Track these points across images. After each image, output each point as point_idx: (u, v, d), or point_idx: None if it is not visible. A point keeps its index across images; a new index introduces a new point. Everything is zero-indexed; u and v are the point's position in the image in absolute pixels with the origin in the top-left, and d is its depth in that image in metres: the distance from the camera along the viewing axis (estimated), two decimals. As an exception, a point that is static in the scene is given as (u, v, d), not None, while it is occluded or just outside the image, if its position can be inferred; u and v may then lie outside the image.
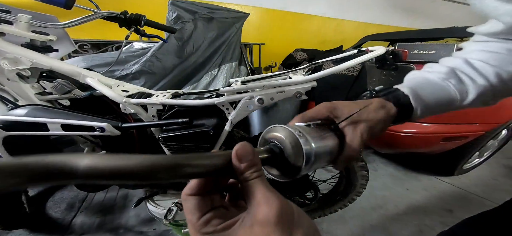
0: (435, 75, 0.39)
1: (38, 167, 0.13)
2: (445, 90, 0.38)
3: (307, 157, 0.26)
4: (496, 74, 0.36)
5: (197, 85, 1.76)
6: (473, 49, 0.40)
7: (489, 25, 0.38)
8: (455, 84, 0.38)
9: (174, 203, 0.85)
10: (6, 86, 0.66)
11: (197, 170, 0.18)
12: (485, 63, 0.37)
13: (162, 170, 0.16)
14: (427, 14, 3.67)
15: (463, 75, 0.38)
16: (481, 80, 0.37)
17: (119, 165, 0.15)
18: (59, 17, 0.77)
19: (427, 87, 0.39)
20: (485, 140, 1.40)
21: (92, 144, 0.82)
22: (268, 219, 0.17)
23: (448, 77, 0.38)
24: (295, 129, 0.27)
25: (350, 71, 1.46)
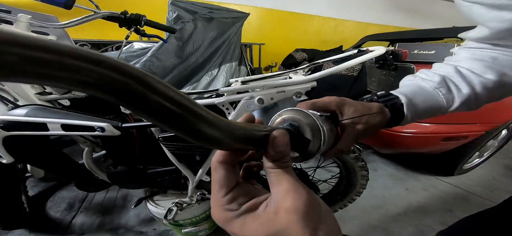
0: (428, 83, 0.42)
1: None
2: (435, 99, 0.40)
3: (323, 141, 0.26)
4: (481, 83, 0.39)
5: (197, 85, 1.76)
6: (462, 56, 0.42)
7: (477, 31, 0.40)
8: (444, 94, 0.40)
9: (174, 203, 0.85)
10: (6, 86, 0.66)
11: (246, 137, 0.18)
12: (471, 73, 0.40)
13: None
14: (427, 14, 3.68)
15: (451, 84, 0.40)
16: (467, 90, 0.39)
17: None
18: (59, 17, 0.77)
19: (420, 96, 0.41)
20: (485, 140, 1.40)
21: (92, 144, 0.82)
22: (296, 208, 0.17)
23: (440, 87, 0.40)
24: (313, 114, 0.28)
25: (350, 71, 1.46)
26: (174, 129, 0.13)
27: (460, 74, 0.40)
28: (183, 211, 0.86)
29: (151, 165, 0.84)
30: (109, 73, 0.10)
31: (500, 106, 1.28)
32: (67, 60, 0.09)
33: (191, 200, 0.87)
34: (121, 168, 0.83)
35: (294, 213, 0.17)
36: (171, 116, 0.13)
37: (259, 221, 0.18)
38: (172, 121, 0.13)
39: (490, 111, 1.27)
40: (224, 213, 0.19)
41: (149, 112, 0.12)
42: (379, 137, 1.35)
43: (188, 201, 0.87)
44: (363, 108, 0.37)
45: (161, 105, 0.12)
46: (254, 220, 0.18)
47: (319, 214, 0.19)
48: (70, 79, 0.09)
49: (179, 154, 0.71)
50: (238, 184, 0.20)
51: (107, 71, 0.10)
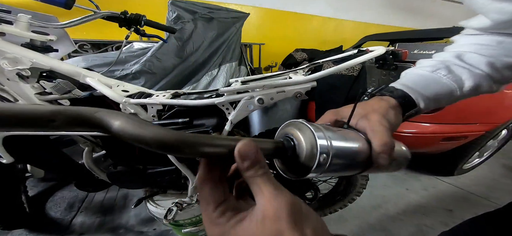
0: (423, 69, 0.41)
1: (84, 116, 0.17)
2: (438, 82, 0.39)
3: (322, 155, 0.24)
4: (488, 63, 0.37)
5: (197, 85, 1.76)
6: (464, 42, 0.42)
7: (477, 21, 0.39)
8: (445, 74, 0.39)
9: (174, 203, 0.85)
10: (6, 86, 0.66)
11: (213, 150, 0.19)
12: (475, 54, 0.38)
13: (185, 144, 0.18)
14: (427, 14, 3.67)
15: (454, 66, 0.39)
16: (474, 69, 0.38)
17: (150, 133, 0.18)
18: (59, 17, 0.77)
19: (419, 81, 0.40)
20: (485, 140, 1.40)
21: (92, 144, 0.82)
22: (279, 215, 0.17)
23: (436, 69, 0.39)
24: (314, 126, 0.26)
25: (350, 71, 1.46)
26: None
27: (462, 58, 0.39)
28: (183, 211, 0.86)
29: (151, 165, 0.84)
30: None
31: (500, 106, 1.28)
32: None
33: (191, 200, 0.87)
34: (121, 168, 0.83)
35: (279, 220, 0.17)
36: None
37: (250, 232, 0.18)
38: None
39: (490, 111, 1.27)
40: (217, 228, 0.19)
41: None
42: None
43: (188, 201, 0.87)
44: (359, 106, 0.35)
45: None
46: (244, 231, 0.18)
47: (302, 215, 0.19)
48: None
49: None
50: (226, 199, 0.21)
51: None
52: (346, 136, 0.29)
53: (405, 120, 0.39)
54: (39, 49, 0.69)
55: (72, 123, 0.17)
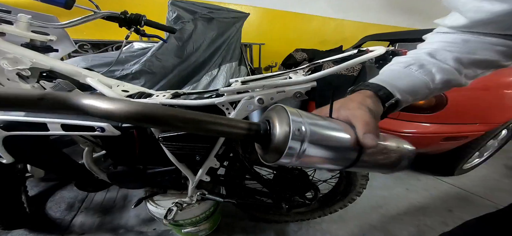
0: (396, 66, 0.44)
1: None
2: (410, 76, 0.41)
3: (297, 136, 0.24)
4: (455, 58, 0.40)
5: (197, 85, 1.76)
6: (434, 40, 0.44)
7: (453, 19, 0.41)
8: (417, 69, 0.41)
9: (174, 203, 0.85)
10: (6, 86, 0.66)
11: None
12: (443, 50, 0.41)
13: (146, 116, 0.21)
14: (427, 14, 3.68)
15: (425, 62, 0.42)
16: (443, 64, 0.41)
17: (117, 107, 0.20)
18: (59, 17, 0.77)
19: (392, 75, 0.43)
20: (485, 140, 1.40)
21: (92, 144, 0.82)
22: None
23: (408, 65, 0.42)
24: (293, 110, 0.26)
25: (350, 71, 1.46)
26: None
27: (432, 54, 0.42)
28: (183, 211, 0.86)
29: (151, 165, 0.84)
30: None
31: (500, 106, 1.28)
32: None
33: (191, 200, 0.87)
34: (121, 168, 0.83)
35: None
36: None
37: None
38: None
39: (490, 111, 1.27)
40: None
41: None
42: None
43: (188, 201, 0.87)
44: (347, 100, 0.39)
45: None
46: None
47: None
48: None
49: (179, 154, 0.71)
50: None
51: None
52: (327, 122, 0.29)
53: (387, 111, 0.40)
54: (39, 49, 0.69)
55: (56, 105, 0.20)
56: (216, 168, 0.77)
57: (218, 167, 0.77)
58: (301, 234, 1.13)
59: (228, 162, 0.89)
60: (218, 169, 0.79)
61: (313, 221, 1.16)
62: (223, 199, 0.87)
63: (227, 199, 0.87)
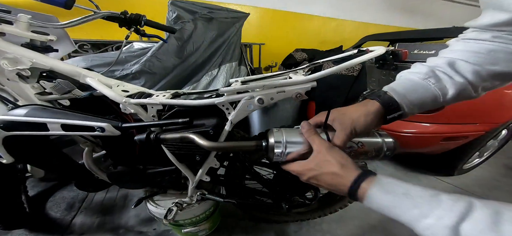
0: (416, 75, 0.45)
1: None
2: (426, 89, 0.43)
3: (278, 148, 0.51)
4: (474, 71, 0.41)
5: (197, 85, 1.76)
6: (457, 49, 0.44)
7: (489, 17, 0.40)
8: (434, 83, 0.43)
9: (174, 203, 0.85)
10: (6, 86, 0.66)
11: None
12: (464, 62, 0.42)
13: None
14: (427, 14, 3.67)
15: (441, 74, 0.43)
16: (458, 78, 0.42)
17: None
18: (59, 17, 0.77)
19: (409, 86, 0.44)
20: (485, 140, 1.40)
21: (92, 144, 0.82)
22: (321, 149, 0.44)
23: (428, 77, 0.43)
24: (278, 130, 0.54)
25: (350, 71, 1.46)
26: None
27: (452, 65, 0.42)
28: (183, 211, 0.86)
29: (151, 165, 0.84)
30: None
31: (500, 106, 1.28)
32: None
33: (191, 200, 0.87)
34: (121, 168, 0.83)
35: (321, 151, 0.44)
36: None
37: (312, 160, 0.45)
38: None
39: (490, 111, 1.27)
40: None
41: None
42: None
43: (188, 201, 0.87)
44: (354, 107, 0.47)
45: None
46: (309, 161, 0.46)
47: (332, 148, 0.44)
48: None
49: (179, 154, 0.71)
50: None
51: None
52: (295, 138, 0.51)
53: (389, 121, 0.46)
54: (39, 49, 0.69)
55: None
56: (216, 168, 0.77)
57: (218, 167, 0.77)
58: (301, 234, 1.13)
59: (228, 162, 0.89)
60: (218, 169, 0.79)
61: (313, 221, 1.16)
62: (223, 199, 0.87)
63: (227, 199, 0.87)
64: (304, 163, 0.46)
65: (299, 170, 0.47)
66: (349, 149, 0.51)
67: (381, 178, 0.37)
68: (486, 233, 0.25)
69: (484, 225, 0.25)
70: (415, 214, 0.31)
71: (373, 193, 0.36)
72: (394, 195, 0.34)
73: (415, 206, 0.32)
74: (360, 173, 0.39)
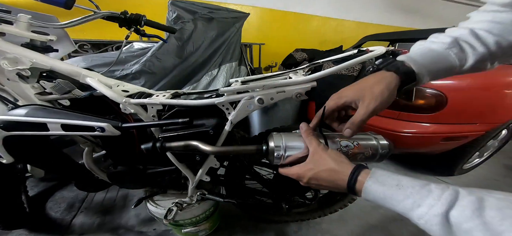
0: (438, 45, 0.45)
1: None
2: (446, 59, 0.43)
3: (278, 151, 0.53)
4: (496, 42, 0.41)
5: (197, 85, 1.76)
6: (480, 19, 0.44)
7: None
8: (456, 53, 0.43)
9: (174, 203, 0.85)
10: (6, 86, 0.66)
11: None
12: (488, 33, 0.41)
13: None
14: (427, 14, 3.67)
15: (465, 44, 0.43)
16: (481, 48, 0.42)
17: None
18: (59, 17, 0.77)
19: (430, 57, 0.44)
20: (485, 140, 1.40)
21: (92, 144, 0.82)
22: (317, 150, 0.47)
23: (451, 47, 0.43)
24: (278, 134, 0.56)
25: (350, 71, 1.46)
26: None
27: (476, 35, 0.42)
28: (183, 211, 0.86)
29: (151, 165, 0.84)
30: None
31: (500, 106, 1.28)
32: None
33: (191, 200, 0.87)
34: (121, 168, 0.83)
35: (317, 151, 0.47)
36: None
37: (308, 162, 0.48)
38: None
39: (490, 111, 1.27)
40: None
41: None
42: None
43: (188, 201, 0.87)
44: (360, 83, 0.46)
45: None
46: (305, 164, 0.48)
47: (326, 149, 0.47)
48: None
49: (179, 154, 0.71)
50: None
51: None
52: (294, 142, 0.53)
53: (403, 92, 0.46)
54: (39, 49, 0.69)
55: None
56: (216, 168, 0.77)
57: (218, 167, 0.77)
58: (301, 234, 1.13)
59: (228, 162, 0.89)
60: (218, 169, 0.79)
61: (313, 221, 1.16)
62: (223, 199, 0.87)
63: (227, 199, 0.87)
64: (303, 165, 0.47)
65: (298, 173, 0.47)
66: (345, 148, 0.53)
67: (376, 170, 0.39)
68: (472, 218, 0.27)
69: (470, 211, 0.28)
70: (408, 204, 0.34)
71: (369, 185, 0.38)
72: (388, 186, 0.36)
73: (407, 196, 0.34)
74: (355, 166, 0.41)
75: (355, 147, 0.54)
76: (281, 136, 0.55)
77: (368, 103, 0.43)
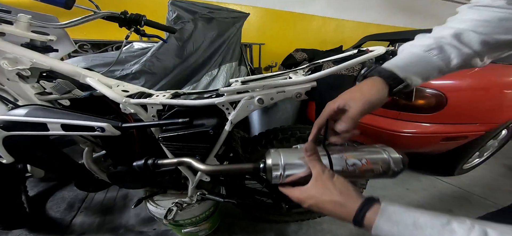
0: (418, 48, 0.45)
1: None
2: (428, 61, 0.44)
3: (277, 169, 0.48)
4: (482, 41, 0.40)
5: (197, 85, 1.75)
6: (466, 17, 0.43)
7: None
8: (437, 54, 0.43)
9: (174, 203, 0.85)
10: (6, 86, 0.66)
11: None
12: (472, 32, 0.41)
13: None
14: (427, 14, 3.67)
15: (446, 46, 0.43)
16: (465, 49, 0.41)
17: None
18: (59, 17, 0.77)
19: (409, 60, 0.45)
20: (485, 140, 1.40)
21: (92, 144, 0.82)
22: (321, 175, 0.43)
23: (430, 49, 0.43)
24: (276, 151, 0.51)
25: (350, 71, 1.46)
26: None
27: (458, 36, 0.42)
28: (183, 211, 0.86)
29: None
30: None
31: (500, 106, 1.28)
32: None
33: (191, 200, 0.87)
34: (121, 168, 0.83)
35: (321, 176, 0.43)
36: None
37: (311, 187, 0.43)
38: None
39: (490, 111, 1.27)
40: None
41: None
42: (379, 136, 1.35)
43: (188, 201, 0.87)
44: (358, 87, 0.46)
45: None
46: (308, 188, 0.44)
47: (333, 175, 0.43)
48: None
49: (179, 154, 0.71)
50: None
51: None
52: (296, 158, 0.49)
53: (395, 94, 0.46)
54: (39, 49, 0.69)
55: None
56: (216, 168, 0.77)
57: (218, 167, 0.77)
58: (301, 234, 1.13)
59: (228, 162, 0.89)
60: (218, 169, 0.79)
61: (313, 221, 1.16)
62: (223, 199, 0.87)
63: (227, 199, 0.87)
64: (305, 190, 0.43)
65: (299, 198, 0.44)
66: (352, 167, 0.48)
67: (387, 206, 0.35)
68: None
69: None
70: None
71: (381, 224, 0.34)
72: (403, 226, 0.32)
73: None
74: (363, 201, 0.37)
75: (363, 164, 0.48)
76: (279, 154, 0.50)
77: (358, 100, 0.44)
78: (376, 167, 0.49)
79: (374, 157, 0.49)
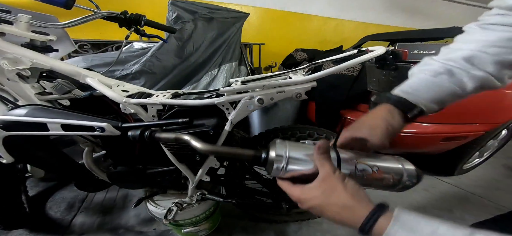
0: (427, 74, 0.44)
1: None
2: (440, 86, 0.42)
3: (280, 160, 0.43)
4: (495, 62, 0.38)
5: (197, 85, 1.76)
6: (473, 38, 0.42)
7: None
8: (448, 79, 0.41)
9: (174, 203, 0.85)
10: (6, 86, 0.66)
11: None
12: (483, 53, 0.39)
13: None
14: (427, 14, 3.67)
15: (456, 70, 0.41)
16: (478, 72, 0.40)
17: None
18: (59, 17, 0.77)
19: (418, 85, 0.44)
20: (485, 140, 1.40)
21: (92, 144, 0.82)
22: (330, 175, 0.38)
23: (438, 74, 0.42)
24: (282, 142, 0.45)
25: (350, 71, 1.46)
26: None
27: (468, 59, 0.40)
28: (183, 211, 0.86)
29: (151, 165, 0.84)
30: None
31: (500, 106, 1.28)
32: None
33: (191, 200, 0.87)
34: (121, 168, 0.83)
35: (330, 177, 0.37)
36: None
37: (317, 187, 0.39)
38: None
39: (490, 111, 1.27)
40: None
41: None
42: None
43: (188, 201, 0.87)
44: (368, 116, 0.46)
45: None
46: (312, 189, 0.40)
47: (345, 177, 0.38)
48: None
49: (179, 154, 0.71)
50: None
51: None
52: (303, 153, 0.44)
53: (412, 119, 0.45)
54: (39, 49, 0.69)
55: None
56: (216, 168, 0.77)
57: (218, 167, 0.77)
58: (301, 234, 1.13)
59: (228, 162, 0.89)
60: (218, 169, 0.79)
61: (313, 221, 1.16)
62: (223, 199, 0.87)
63: (227, 199, 0.87)
64: (307, 189, 0.39)
65: (300, 197, 0.39)
66: (361, 172, 0.44)
67: (401, 213, 0.31)
68: None
69: None
70: None
71: (394, 231, 0.30)
72: (420, 235, 0.29)
73: None
74: (375, 206, 0.34)
75: (373, 172, 0.44)
76: (285, 145, 0.44)
77: (380, 136, 0.43)
78: (387, 176, 0.45)
79: (387, 165, 0.45)
